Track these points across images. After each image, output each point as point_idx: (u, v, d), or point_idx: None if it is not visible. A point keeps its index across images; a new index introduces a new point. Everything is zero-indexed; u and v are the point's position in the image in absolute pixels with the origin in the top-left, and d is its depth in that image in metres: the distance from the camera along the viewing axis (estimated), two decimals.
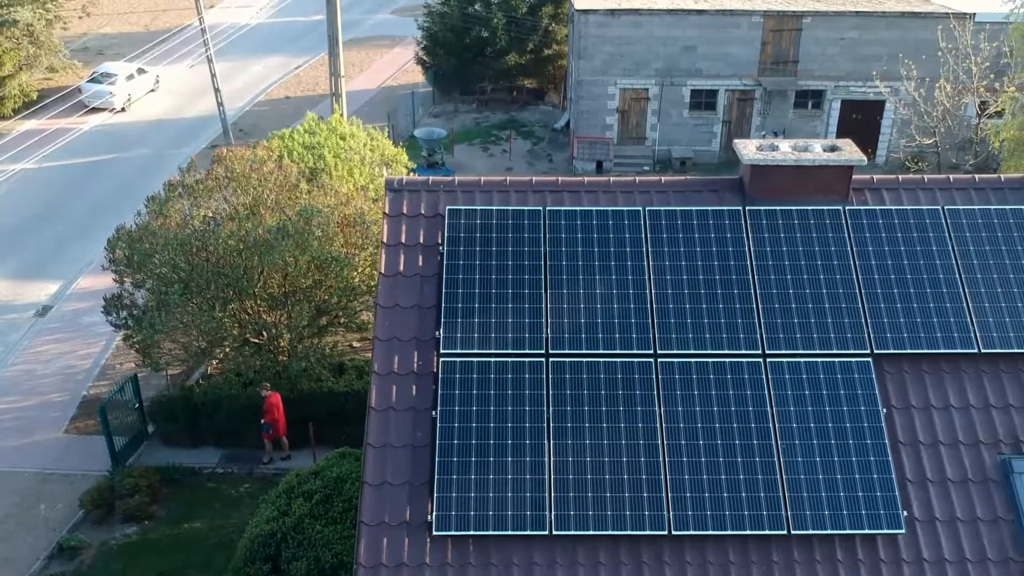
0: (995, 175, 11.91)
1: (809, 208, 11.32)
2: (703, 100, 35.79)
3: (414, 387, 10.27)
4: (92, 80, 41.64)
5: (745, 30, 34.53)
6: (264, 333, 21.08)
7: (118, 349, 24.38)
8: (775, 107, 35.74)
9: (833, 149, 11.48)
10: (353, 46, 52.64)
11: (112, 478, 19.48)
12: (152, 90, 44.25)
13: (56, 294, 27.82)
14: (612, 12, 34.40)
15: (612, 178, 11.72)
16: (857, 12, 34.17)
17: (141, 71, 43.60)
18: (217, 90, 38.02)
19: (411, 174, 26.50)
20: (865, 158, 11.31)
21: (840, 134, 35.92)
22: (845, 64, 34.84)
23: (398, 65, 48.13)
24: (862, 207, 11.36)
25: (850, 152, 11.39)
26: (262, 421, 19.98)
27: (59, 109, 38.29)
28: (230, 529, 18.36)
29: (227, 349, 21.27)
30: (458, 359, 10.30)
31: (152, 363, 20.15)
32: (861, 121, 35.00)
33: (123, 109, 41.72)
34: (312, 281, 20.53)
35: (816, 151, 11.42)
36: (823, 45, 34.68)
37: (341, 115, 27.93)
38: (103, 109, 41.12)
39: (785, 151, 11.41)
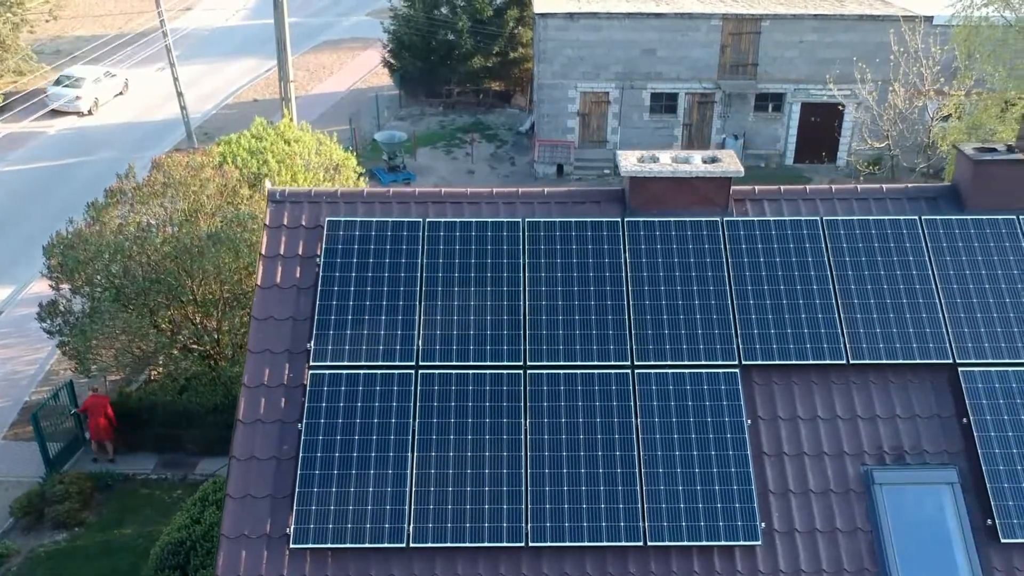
0: (878, 185, 11.96)
1: (687, 219, 11.37)
2: (663, 103, 35.86)
3: (283, 400, 10.32)
4: (58, 83, 41.66)
5: (704, 33, 34.60)
6: (204, 338, 21.14)
7: (63, 355, 24.42)
8: (735, 110, 35.81)
9: (713, 160, 11.53)
10: (326, 48, 52.73)
11: (43, 484, 19.53)
12: (120, 93, 44.31)
13: (7, 299, 27.86)
14: (571, 16, 34.45)
15: (496, 189, 11.76)
16: (815, 15, 34.25)
17: (109, 74, 43.65)
18: (180, 94, 38.06)
19: (361, 179, 26.56)
20: (742, 169, 11.35)
21: (800, 137, 36.04)
22: (804, 67, 34.92)
23: (368, 67, 48.16)
24: (740, 218, 11.41)
25: (728, 164, 11.44)
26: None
27: (25, 113, 38.33)
28: (159, 535, 18.42)
29: (169, 354, 21.33)
30: (327, 371, 10.35)
31: (84, 369, 20.20)
32: (820, 124, 35.07)
33: (90, 112, 41.76)
34: (249, 287, 20.57)
35: (695, 163, 11.47)
36: (782, 48, 34.75)
37: (290, 120, 27.91)
38: (70, 112, 41.18)
39: (665, 163, 11.46)
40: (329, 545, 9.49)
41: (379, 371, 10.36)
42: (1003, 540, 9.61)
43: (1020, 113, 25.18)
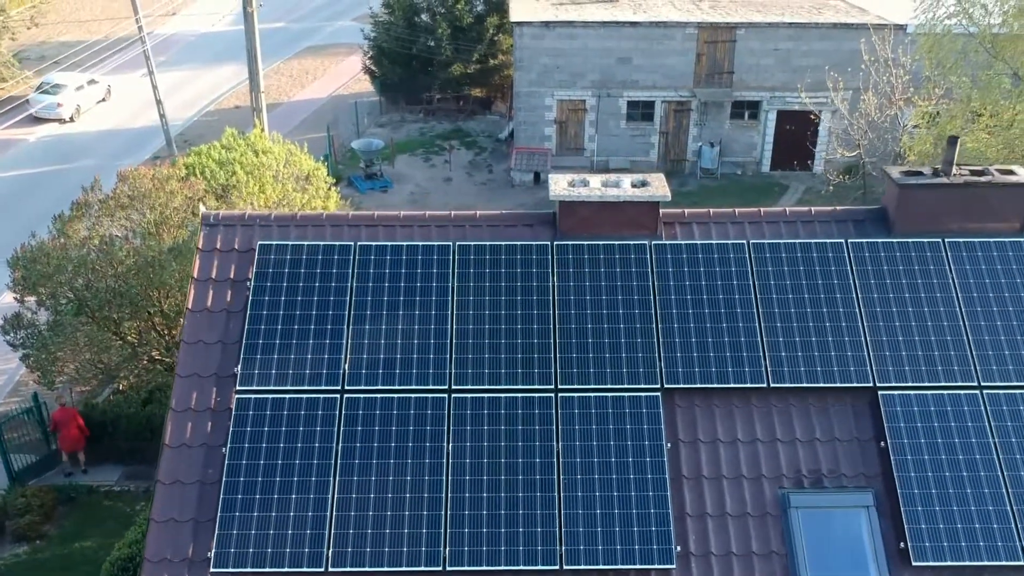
0: (806, 208, 12.09)
1: (615, 243, 11.50)
2: (640, 111, 35.98)
3: (210, 424, 10.45)
4: (40, 90, 41.78)
5: (679, 42, 34.72)
6: (170, 350, 21.26)
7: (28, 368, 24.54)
8: (712, 118, 35.93)
9: (643, 184, 11.66)
10: (309, 54, 52.84)
11: (5, 497, 19.64)
12: (103, 100, 44.41)
13: None
14: (547, 24, 34.57)
15: (429, 212, 11.88)
16: (790, 23, 34.37)
17: (92, 81, 43.78)
18: (159, 102, 38.16)
19: (332, 189, 26.71)
20: (668, 194, 11.48)
21: (776, 145, 36.16)
22: (780, 75, 35.03)
23: (351, 74, 48.27)
24: (669, 241, 11.55)
25: (656, 188, 11.58)
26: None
27: (6, 120, 38.43)
28: None
29: (133, 366, 21.48)
30: (253, 396, 10.48)
31: (48, 382, 20.33)
32: (796, 132, 35.19)
33: (72, 119, 41.88)
34: None
35: (625, 187, 11.60)
36: (757, 56, 34.87)
37: (261, 130, 28.03)
38: (51, 119, 41.30)
39: (594, 187, 11.59)
40: (249, 569, 9.62)
41: (304, 395, 10.49)
42: (915, 563, 9.74)
43: (985, 124, 25.35)
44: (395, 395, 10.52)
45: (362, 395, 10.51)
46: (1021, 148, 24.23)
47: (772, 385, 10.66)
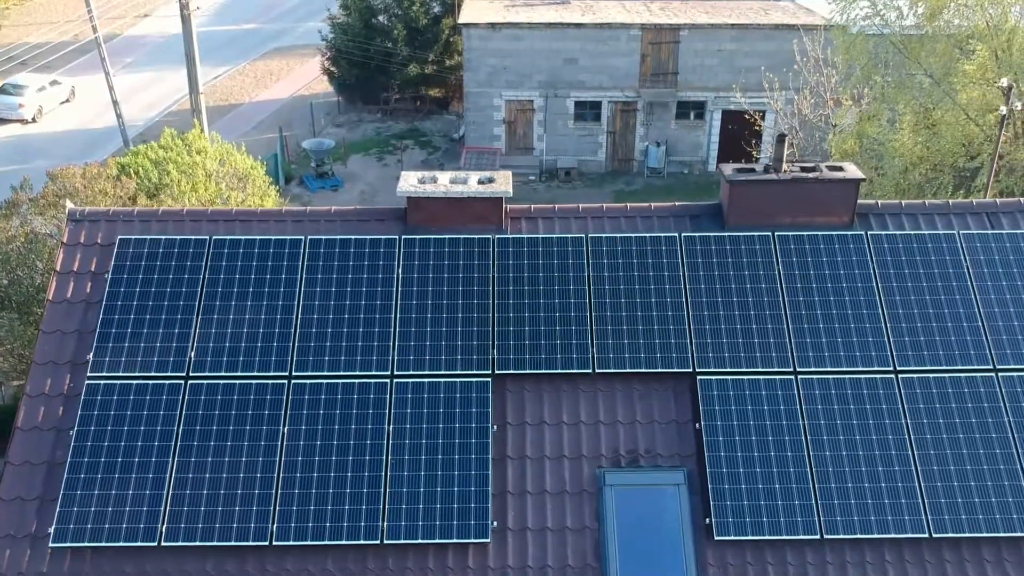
0: (647, 204, 12.67)
1: (461, 236, 12.07)
2: (587, 111, 36.58)
3: (61, 408, 11.01)
4: (1, 91, 42.33)
5: (624, 43, 35.32)
6: None
7: None
8: (658, 118, 36.53)
9: (489, 181, 12.23)
10: (276, 55, 53.38)
11: None
12: (66, 100, 44.96)
13: None
14: (493, 25, 35.16)
15: (286, 208, 12.45)
16: (732, 25, 34.97)
17: (55, 82, 44.35)
18: (115, 102, 38.68)
19: (270, 188, 27.27)
20: (511, 190, 12.06)
21: (722, 144, 36.74)
22: (724, 75, 35.62)
23: (314, 75, 48.81)
24: (513, 235, 12.12)
25: (501, 184, 12.15)
26: None
27: None
28: None
29: None
30: (103, 381, 11.05)
31: None
32: (739, 132, 35.75)
33: (33, 120, 42.44)
34: None
35: (471, 184, 12.17)
36: (701, 57, 35.47)
37: (201, 131, 28.60)
38: (12, 120, 41.86)
39: (442, 183, 12.17)
40: (88, 544, 10.18)
41: (151, 381, 11.06)
42: (717, 537, 10.31)
43: (910, 121, 25.95)
44: (237, 381, 11.09)
45: (205, 381, 11.08)
46: (948, 149, 24.84)
47: (598, 371, 11.23)
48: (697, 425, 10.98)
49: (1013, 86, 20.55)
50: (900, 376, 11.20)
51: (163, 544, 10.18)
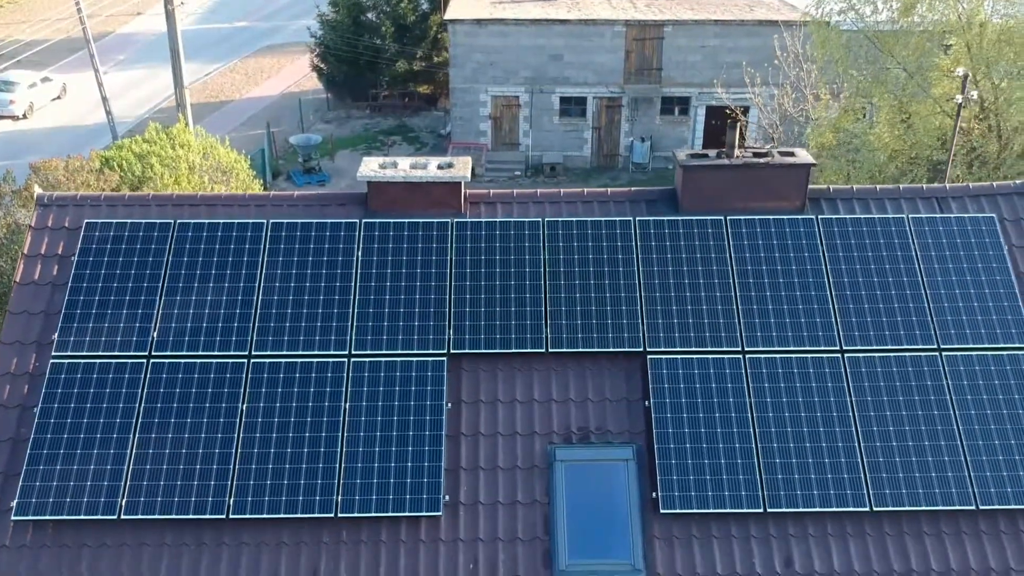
0: (604, 189, 12.94)
1: (419, 220, 12.34)
2: (572, 107, 36.88)
3: (26, 386, 11.28)
4: None
5: (609, 39, 35.60)
6: None
7: None
8: (642, 113, 36.82)
9: (449, 166, 12.51)
10: (268, 52, 53.73)
11: None
12: (58, 97, 45.32)
13: None
14: (479, 22, 35.46)
15: (249, 193, 12.72)
16: (716, 20, 35.28)
17: (46, 79, 44.71)
18: (105, 98, 39.02)
19: (254, 181, 27.58)
20: (469, 175, 12.33)
21: (706, 140, 37.04)
22: (708, 71, 35.93)
23: (305, 72, 49.13)
24: (471, 219, 12.39)
25: (460, 169, 12.42)
26: None
27: None
28: None
29: None
30: (67, 360, 11.31)
31: None
32: (722, 127, 36.00)
33: (24, 116, 42.75)
34: None
35: (431, 169, 12.45)
36: (685, 53, 35.77)
37: (186, 125, 28.89)
38: (3, 117, 42.17)
39: (402, 168, 12.44)
40: (49, 517, 10.44)
41: (114, 360, 11.32)
42: (663, 511, 10.58)
43: (887, 115, 26.24)
44: (198, 360, 11.36)
45: (167, 360, 11.35)
46: (925, 142, 25.13)
47: (551, 350, 11.50)
48: (647, 403, 11.25)
49: (969, 75, 20.84)
50: (846, 355, 11.47)
51: (123, 517, 10.44)
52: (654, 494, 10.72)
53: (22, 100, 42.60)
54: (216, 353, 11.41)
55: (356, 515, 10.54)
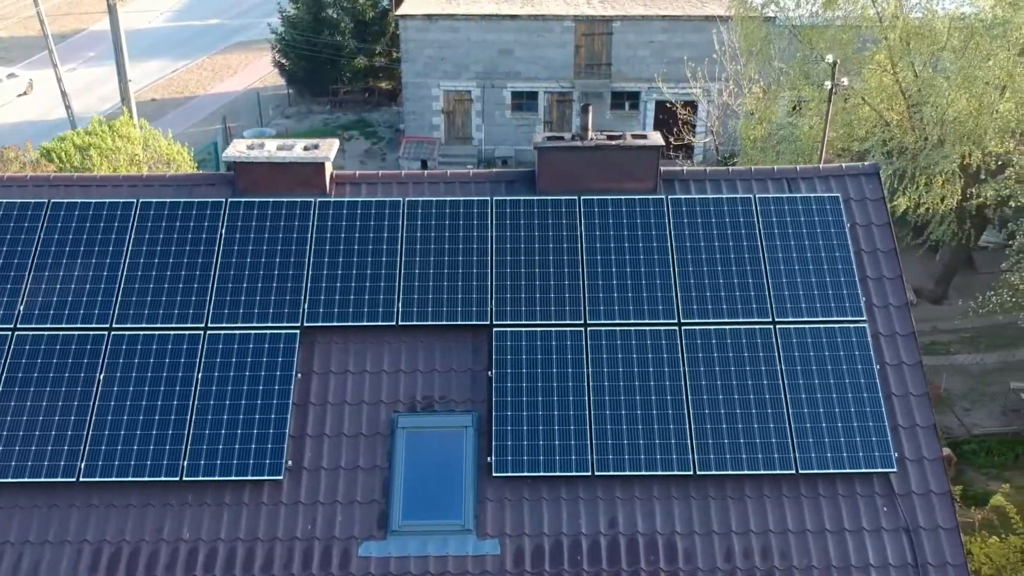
0: (466, 171, 13.42)
1: (284, 200, 12.82)
2: (524, 102, 37.37)
3: None
4: None
5: (558, 34, 36.09)
6: None
7: None
8: (593, 108, 37.19)
9: (315, 148, 12.98)
10: (237, 49, 54.20)
11: None
12: (24, 93, 45.78)
13: None
14: (429, 17, 35.94)
15: (124, 174, 13.20)
16: (663, 16, 35.76)
17: (12, 75, 45.18)
18: (64, 93, 39.46)
19: (196, 170, 28.06)
20: (332, 156, 12.81)
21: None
22: (656, 66, 36.39)
23: (270, 68, 49.59)
24: (335, 199, 12.87)
25: (324, 151, 12.90)
26: None
27: None
28: None
29: None
30: None
31: None
32: (670, 121, 36.48)
33: None
34: None
35: (296, 150, 12.92)
36: (633, 48, 36.25)
37: (130, 117, 29.40)
38: None
39: (268, 149, 12.91)
40: None
41: None
42: (496, 474, 11.06)
43: (815, 107, 26.72)
44: (60, 332, 11.84)
45: (31, 332, 11.83)
46: (848, 133, 25.63)
47: (402, 323, 11.97)
48: (490, 373, 11.72)
49: (837, 62, 21.37)
50: (683, 328, 11.95)
51: None
52: (489, 458, 11.19)
53: None
54: (79, 326, 11.89)
55: (201, 479, 11.02)
